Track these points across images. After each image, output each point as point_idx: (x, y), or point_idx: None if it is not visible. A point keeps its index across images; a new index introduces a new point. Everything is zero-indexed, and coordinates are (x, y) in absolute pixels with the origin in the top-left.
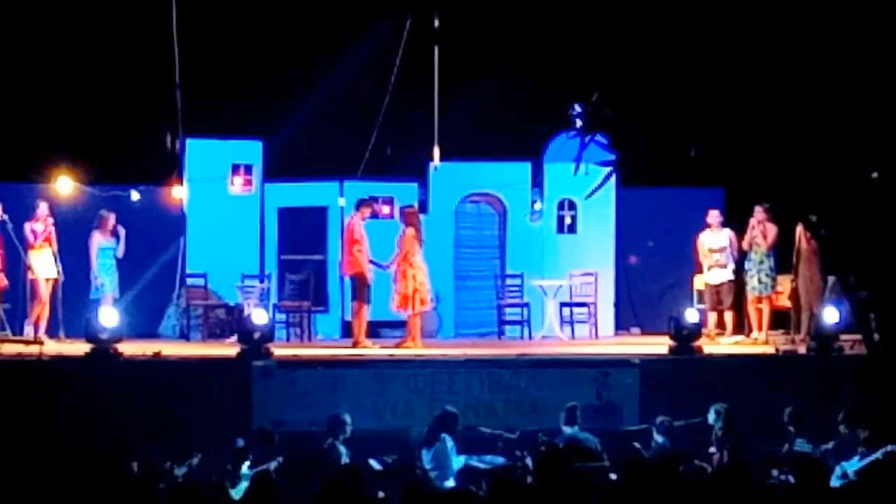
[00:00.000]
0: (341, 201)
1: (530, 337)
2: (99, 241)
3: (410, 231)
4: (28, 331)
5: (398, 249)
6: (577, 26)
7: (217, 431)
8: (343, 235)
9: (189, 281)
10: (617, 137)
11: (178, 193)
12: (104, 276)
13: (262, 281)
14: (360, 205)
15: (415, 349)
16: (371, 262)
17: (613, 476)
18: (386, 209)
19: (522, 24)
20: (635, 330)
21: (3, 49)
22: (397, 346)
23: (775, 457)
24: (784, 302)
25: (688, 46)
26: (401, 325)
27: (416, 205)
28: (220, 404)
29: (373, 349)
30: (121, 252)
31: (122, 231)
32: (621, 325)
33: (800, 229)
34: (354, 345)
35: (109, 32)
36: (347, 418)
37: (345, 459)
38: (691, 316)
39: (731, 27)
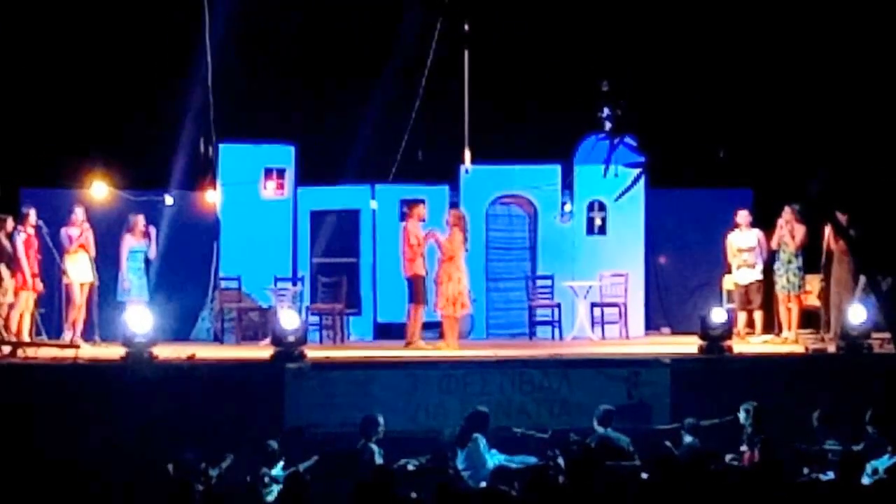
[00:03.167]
0: (373, 204)
1: (561, 337)
2: (130, 243)
3: (459, 235)
4: (66, 335)
5: (444, 251)
6: (607, 28)
7: (251, 433)
8: (400, 239)
9: (223, 284)
10: (646, 139)
11: (212, 198)
12: (132, 279)
13: (294, 284)
14: (411, 208)
15: (448, 350)
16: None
17: (645, 475)
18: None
19: (552, 27)
20: (665, 330)
21: (38, 55)
22: (433, 347)
23: (806, 455)
24: (814, 301)
25: (717, 48)
26: (437, 325)
27: (463, 208)
28: (253, 406)
29: (426, 350)
30: (153, 252)
31: (153, 231)
32: (651, 326)
33: (829, 230)
34: (407, 345)
35: (143, 38)
36: (381, 419)
37: (378, 460)
38: (717, 316)
39: (759, 29)
